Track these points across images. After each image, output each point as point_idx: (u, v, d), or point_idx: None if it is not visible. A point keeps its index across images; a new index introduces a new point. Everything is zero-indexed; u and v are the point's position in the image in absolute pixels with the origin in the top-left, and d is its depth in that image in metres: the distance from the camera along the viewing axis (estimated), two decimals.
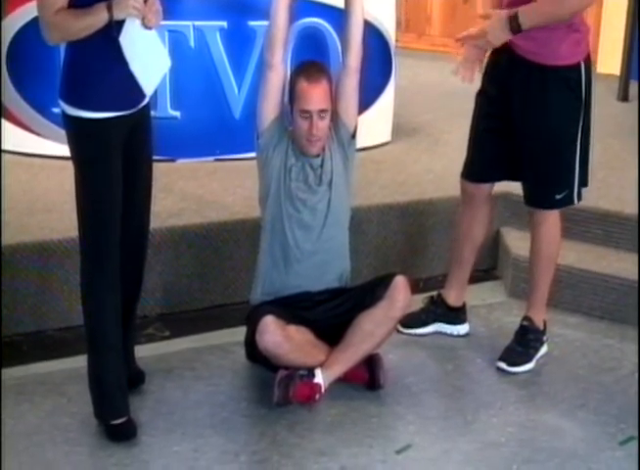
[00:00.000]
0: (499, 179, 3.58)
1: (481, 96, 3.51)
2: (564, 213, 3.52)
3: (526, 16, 3.16)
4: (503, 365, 3.46)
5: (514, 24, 3.17)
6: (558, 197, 3.40)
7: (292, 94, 3.19)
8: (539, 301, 3.55)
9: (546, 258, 3.50)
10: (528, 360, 3.48)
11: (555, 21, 3.18)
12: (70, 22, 2.66)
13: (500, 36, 3.22)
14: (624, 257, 4.05)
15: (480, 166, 3.54)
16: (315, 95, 3.14)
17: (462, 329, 3.76)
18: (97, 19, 2.65)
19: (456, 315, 3.76)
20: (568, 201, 3.43)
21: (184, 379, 3.33)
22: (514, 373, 3.44)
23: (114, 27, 2.68)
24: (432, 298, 3.78)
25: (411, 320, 3.67)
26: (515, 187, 3.66)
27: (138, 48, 2.74)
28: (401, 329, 3.65)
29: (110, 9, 2.64)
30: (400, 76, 5.17)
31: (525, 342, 3.51)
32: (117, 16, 2.66)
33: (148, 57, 2.79)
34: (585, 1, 3.23)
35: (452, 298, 3.74)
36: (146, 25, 2.73)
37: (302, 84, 3.14)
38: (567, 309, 3.93)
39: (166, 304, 3.87)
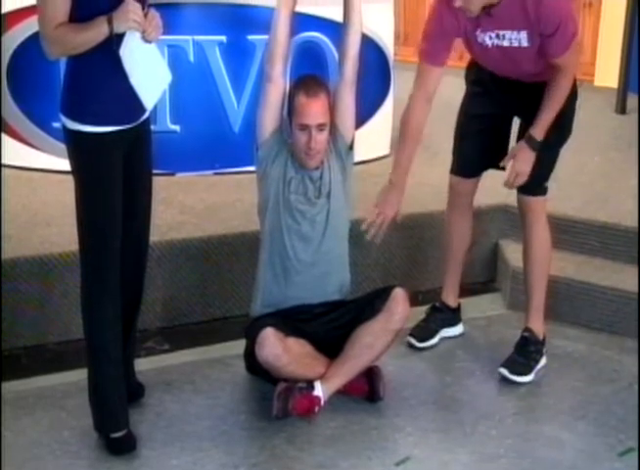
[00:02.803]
0: (485, 169, 3.64)
1: (470, 98, 3.62)
2: (561, 225, 3.54)
3: (540, 130, 3.31)
4: (505, 372, 3.46)
5: (534, 145, 3.31)
6: (545, 184, 3.51)
7: (290, 108, 3.20)
8: (537, 309, 3.58)
9: (539, 261, 3.56)
10: (529, 372, 3.49)
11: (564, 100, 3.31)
12: (71, 36, 2.67)
13: (530, 161, 3.34)
14: (622, 268, 4.06)
15: (471, 162, 3.63)
16: (314, 109, 3.15)
17: (458, 329, 3.83)
18: (97, 32, 2.66)
19: (455, 316, 3.82)
20: (547, 189, 3.54)
21: (184, 392, 3.33)
22: (514, 382, 3.44)
23: (115, 41, 2.69)
24: (433, 306, 3.82)
25: (423, 332, 3.72)
26: (513, 200, 3.67)
27: (138, 61, 2.75)
28: (417, 344, 3.69)
29: (110, 22, 2.65)
30: (399, 90, 5.18)
31: (525, 353, 3.52)
32: (118, 29, 2.67)
33: (148, 70, 2.80)
34: (575, 67, 3.33)
35: (451, 300, 3.80)
36: (146, 39, 2.75)
37: (301, 99, 3.16)
38: (565, 322, 3.93)
39: (166, 317, 3.88)
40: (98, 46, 2.68)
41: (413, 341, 3.69)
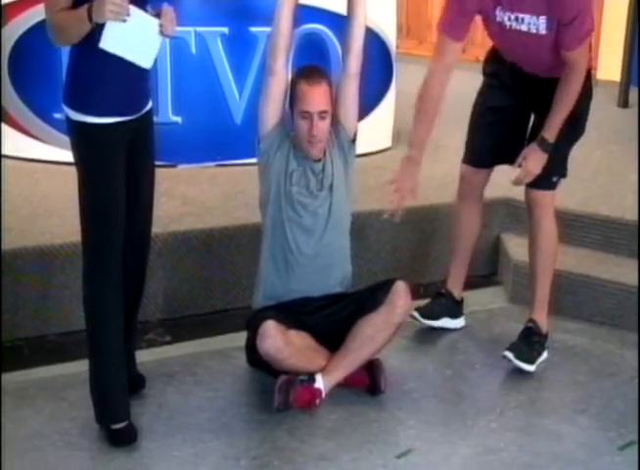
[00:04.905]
0: (499, 163, 3.62)
1: (486, 90, 3.61)
2: (564, 219, 3.53)
3: (552, 132, 3.30)
4: (510, 355, 3.44)
5: (546, 147, 3.31)
6: (554, 179, 3.49)
7: (292, 97, 3.20)
8: (541, 303, 3.58)
9: (545, 255, 3.55)
10: (532, 362, 3.48)
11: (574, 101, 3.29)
12: (66, 22, 2.64)
13: (541, 163, 3.34)
14: (624, 262, 4.05)
15: (483, 152, 3.62)
16: (316, 96, 3.15)
17: (460, 322, 3.82)
18: (81, 23, 2.60)
19: (458, 309, 3.82)
20: (556, 184, 3.52)
21: (185, 384, 3.33)
22: (518, 367, 3.43)
23: (97, 32, 2.62)
24: (439, 292, 3.82)
25: (428, 312, 3.73)
26: (515, 193, 3.67)
27: (126, 42, 2.67)
28: (420, 319, 3.70)
29: (89, 13, 2.58)
30: (401, 82, 5.18)
31: (529, 343, 3.51)
32: (97, 20, 2.59)
33: (140, 41, 2.72)
34: (585, 65, 3.30)
35: (456, 291, 3.80)
36: (164, 34, 2.73)
37: (303, 86, 3.16)
38: (567, 315, 3.92)
39: (168, 309, 3.88)
40: (99, 36, 2.66)
41: (417, 315, 3.68)
